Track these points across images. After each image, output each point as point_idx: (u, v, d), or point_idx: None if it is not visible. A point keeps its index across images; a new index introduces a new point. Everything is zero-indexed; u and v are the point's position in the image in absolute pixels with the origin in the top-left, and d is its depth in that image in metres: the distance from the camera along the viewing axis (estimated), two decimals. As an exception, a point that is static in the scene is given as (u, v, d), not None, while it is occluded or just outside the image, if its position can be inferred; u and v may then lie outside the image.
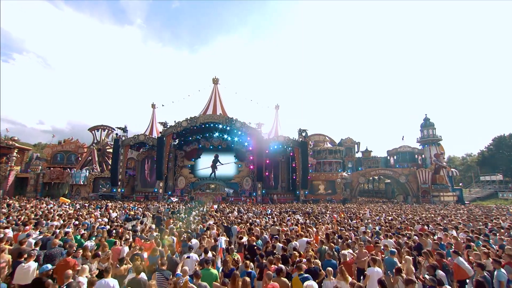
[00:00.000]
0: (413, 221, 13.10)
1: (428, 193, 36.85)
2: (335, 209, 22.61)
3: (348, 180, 38.67)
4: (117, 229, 9.72)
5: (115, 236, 8.49)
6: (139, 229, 9.93)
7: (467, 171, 61.57)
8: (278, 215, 18.36)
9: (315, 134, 47.46)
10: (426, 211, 21.21)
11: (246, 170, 42.95)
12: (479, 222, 12.51)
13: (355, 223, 12.37)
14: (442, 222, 13.02)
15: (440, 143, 41.81)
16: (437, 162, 38.69)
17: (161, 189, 37.54)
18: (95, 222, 11.11)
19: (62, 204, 22.43)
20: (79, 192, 39.88)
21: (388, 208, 24.35)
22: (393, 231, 9.85)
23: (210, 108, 43.13)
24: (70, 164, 45.63)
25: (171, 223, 12.32)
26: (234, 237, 10.28)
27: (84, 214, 15.20)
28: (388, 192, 50.34)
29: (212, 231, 9.72)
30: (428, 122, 42.38)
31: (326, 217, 15.61)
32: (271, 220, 13.96)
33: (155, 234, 8.95)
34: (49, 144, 48.01)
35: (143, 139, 38.97)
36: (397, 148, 42.40)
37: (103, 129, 48.27)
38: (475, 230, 9.60)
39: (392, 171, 39.14)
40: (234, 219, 13.70)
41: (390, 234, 8.92)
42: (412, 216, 16.32)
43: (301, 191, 37.45)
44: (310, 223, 12.09)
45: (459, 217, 15.11)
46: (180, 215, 17.17)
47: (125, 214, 15.33)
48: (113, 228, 9.65)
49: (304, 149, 37.91)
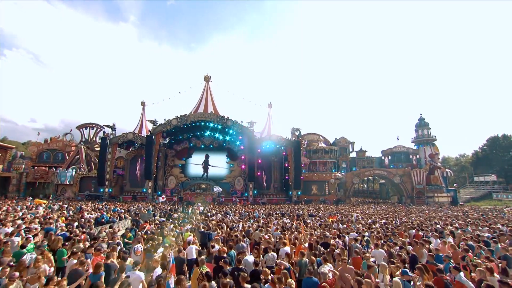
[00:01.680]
0: (407, 224, 12.26)
1: (422, 194, 36.29)
2: (326, 211, 21.75)
3: (342, 181, 37.92)
4: (79, 236, 8.65)
5: (70, 245, 7.40)
6: (102, 236, 8.85)
7: (461, 172, 61.40)
8: (265, 217, 17.40)
9: (309, 134, 46.67)
10: (421, 213, 20.48)
11: (238, 170, 41.95)
12: (478, 227, 11.69)
13: (345, 228, 11.41)
14: (437, 226, 12.19)
15: (435, 143, 41.33)
16: (432, 163, 38.16)
17: (150, 189, 36.32)
18: (56, 228, 9.97)
19: (37, 206, 21.11)
20: (64, 192, 38.43)
21: (381, 209, 23.53)
22: (385, 238, 8.92)
23: (201, 106, 42.00)
24: (57, 163, 44.04)
25: (145, 228, 11.28)
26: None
27: (54, 217, 14.06)
28: (383, 193, 49.80)
29: (178, 240, 8.67)
30: (423, 122, 41.86)
31: (313, 221, 14.66)
32: (256, 224, 12.96)
33: (117, 241, 7.90)
34: (34, 142, 46.33)
35: (131, 138, 37.68)
36: (392, 148, 41.79)
37: (92, 127, 46.85)
38: (473, 237, 8.73)
39: (387, 171, 38.50)
40: (215, 223, 12.67)
41: (381, 242, 7.99)
42: (406, 219, 15.50)
43: (293, 192, 36.60)
44: (297, 228, 11.12)
45: (455, 221, 14.31)
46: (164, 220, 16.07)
47: (99, 217, 14.18)
48: (73, 235, 8.56)
49: (297, 148, 37.04)
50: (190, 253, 7.33)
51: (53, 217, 13.92)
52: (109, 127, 38.13)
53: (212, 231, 10.65)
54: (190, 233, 10.06)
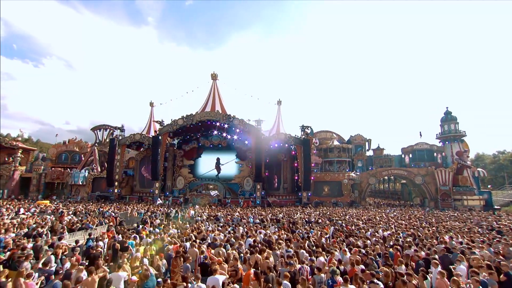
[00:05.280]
0: (432, 250, 8.41)
1: (448, 196, 32.42)
2: (331, 215, 19.68)
3: (356, 181, 35.12)
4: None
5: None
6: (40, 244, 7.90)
7: (499, 171, 55.08)
8: (257, 224, 15.91)
9: (321, 131, 44.11)
10: (447, 224, 16.58)
11: (247, 170, 40.60)
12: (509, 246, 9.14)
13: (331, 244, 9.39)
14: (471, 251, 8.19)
15: (464, 139, 36.94)
16: (460, 161, 34.05)
17: (157, 189, 36.22)
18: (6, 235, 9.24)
19: (37, 207, 21.36)
20: (78, 192, 39.63)
21: (393, 216, 20.63)
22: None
23: (208, 105, 41.17)
24: (74, 164, 45.72)
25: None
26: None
27: (40, 222, 13.78)
28: (405, 194, 45.81)
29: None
30: (450, 116, 37.59)
31: (305, 230, 12.85)
32: (236, 234, 11.47)
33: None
34: (54, 144, 48.51)
35: (139, 138, 37.84)
36: (413, 145, 38.00)
37: (105, 128, 48.05)
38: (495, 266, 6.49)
39: (407, 171, 34.95)
40: (191, 233, 11.39)
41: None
42: (430, 235, 11.79)
43: (303, 193, 34.52)
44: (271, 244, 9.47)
45: (479, 232, 11.69)
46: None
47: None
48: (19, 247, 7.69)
49: (306, 147, 34.84)
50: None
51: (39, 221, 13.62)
52: (118, 128, 38.62)
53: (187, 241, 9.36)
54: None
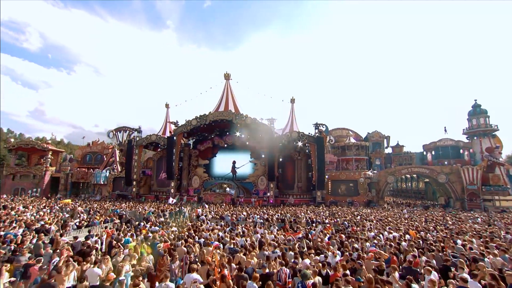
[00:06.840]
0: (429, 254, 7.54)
1: (477, 196, 29.93)
2: (341, 215, 18.91)
3: (373, 180, 33.61)
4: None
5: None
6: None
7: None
8: (260, 223, 15.68)
9: (337, 129, 42.79)
10: (465, 226, 15.67)
11: (262, 168, 40.39)
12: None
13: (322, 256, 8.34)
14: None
15: (495, 134, 34.00)
16: (491, 158, 31.32)
17: (173, 189, 37.19)
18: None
19: (61, 205, 22.74)
20: (100, 191, 41.80)
21: (407, 217, 19.31)
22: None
23: (222, 105, 41.47)
24: (97, 165, 48.37)
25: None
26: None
27: (48, 220, 14.52)
28: (429, 193, 43.13)
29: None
30: (479, 109, 34.75)
31: (304, 230, 12.40)
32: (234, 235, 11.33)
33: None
34: (80, 146, 51.60)
35: (155, 139, 39.08)
36: (436, 142, 35.55)
37: (125, 130, 50.19)
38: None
39: (429, 169, 32.71)
40: (187, 232, 11.45)
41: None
42: (441, 238, 10.25)
43: (317, 192, 33.68)
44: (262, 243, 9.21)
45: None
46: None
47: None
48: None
49: (320, 145, 33.90)
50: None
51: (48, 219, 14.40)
52: (135, 130, 40.15)
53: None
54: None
